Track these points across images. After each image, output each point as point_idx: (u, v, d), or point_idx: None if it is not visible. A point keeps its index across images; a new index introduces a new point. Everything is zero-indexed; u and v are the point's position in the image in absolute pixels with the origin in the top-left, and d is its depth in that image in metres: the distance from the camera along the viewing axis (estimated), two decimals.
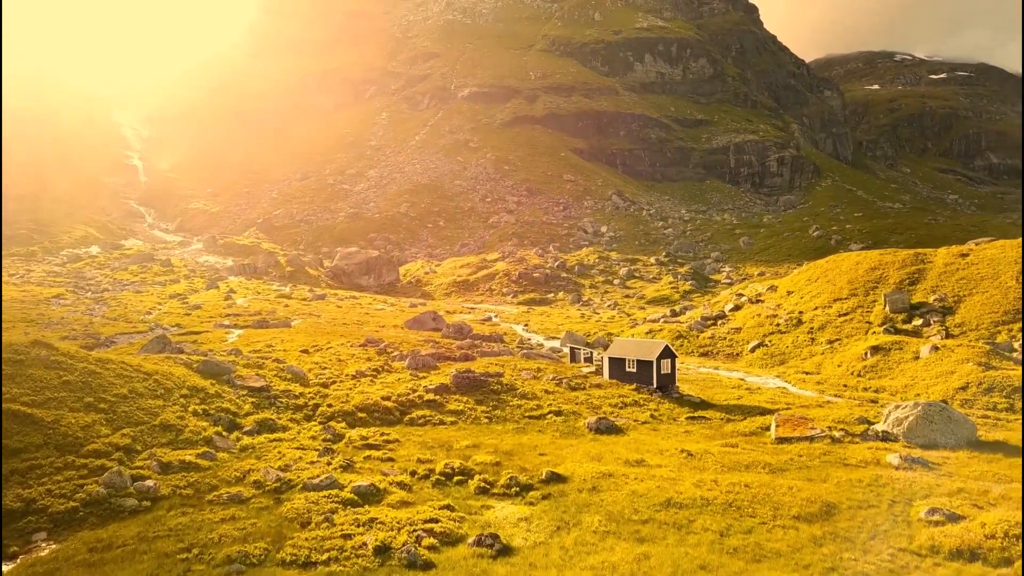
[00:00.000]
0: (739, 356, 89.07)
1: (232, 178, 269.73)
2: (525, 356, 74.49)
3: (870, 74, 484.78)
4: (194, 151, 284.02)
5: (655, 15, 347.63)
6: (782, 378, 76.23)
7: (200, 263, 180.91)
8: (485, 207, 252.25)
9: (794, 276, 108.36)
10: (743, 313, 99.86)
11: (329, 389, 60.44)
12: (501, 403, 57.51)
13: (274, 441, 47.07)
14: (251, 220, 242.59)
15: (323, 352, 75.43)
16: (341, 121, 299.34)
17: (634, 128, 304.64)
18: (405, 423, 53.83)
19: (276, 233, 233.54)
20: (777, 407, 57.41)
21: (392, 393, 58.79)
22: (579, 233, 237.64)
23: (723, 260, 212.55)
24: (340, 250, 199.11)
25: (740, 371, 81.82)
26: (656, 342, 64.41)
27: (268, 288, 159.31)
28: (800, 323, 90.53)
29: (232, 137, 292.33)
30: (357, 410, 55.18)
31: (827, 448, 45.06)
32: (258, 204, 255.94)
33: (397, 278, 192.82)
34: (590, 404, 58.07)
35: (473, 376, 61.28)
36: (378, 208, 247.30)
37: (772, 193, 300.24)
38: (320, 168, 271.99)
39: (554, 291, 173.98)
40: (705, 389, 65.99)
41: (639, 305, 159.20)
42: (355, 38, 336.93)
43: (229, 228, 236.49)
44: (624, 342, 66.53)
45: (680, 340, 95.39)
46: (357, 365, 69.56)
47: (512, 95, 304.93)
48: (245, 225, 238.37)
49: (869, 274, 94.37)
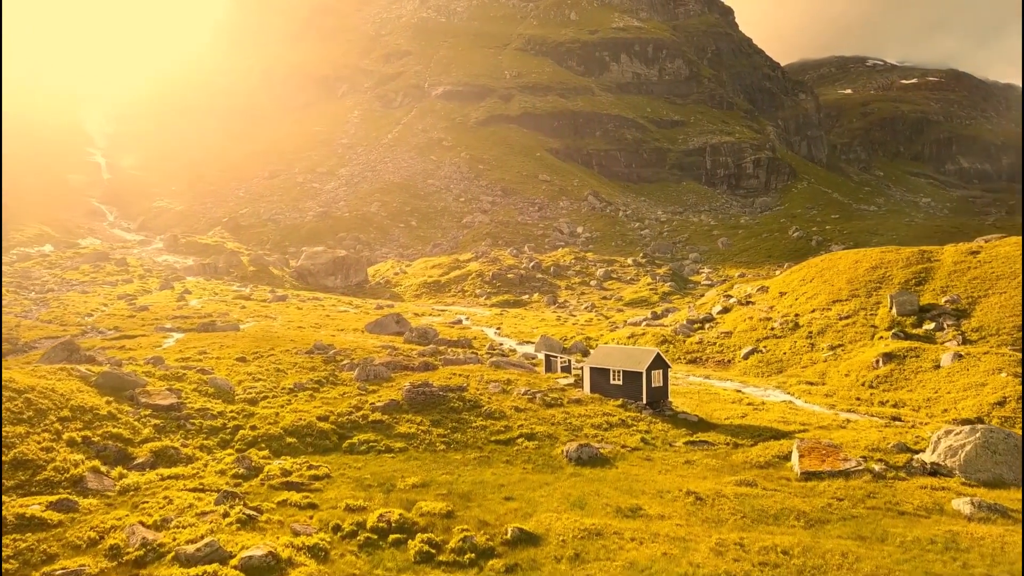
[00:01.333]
0: (731, 363, 79.06)
1: (198, 176, 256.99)
2: (494, 365, 63.90)
3: (843, 78, 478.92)
4: (159, 148, 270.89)
5: (631, 15, 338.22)
6: (783, 389, 66.31)
7: (158, 263, 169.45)
8: (459, 207, 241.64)
9: (786, 276, 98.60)
10: (733, 316, 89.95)
11: (258, 406, 49.51)
12: (462, 424, 46.92)
13: (168, 479, 36.15)
14: (217, 219, 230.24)
15: (262, 360, 64.45)
16: (312, 119, 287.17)
17: (610, 128, 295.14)
18: (343, 450, 43.10)
19: (242, 232, 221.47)
20: (791, 428, 47.26)
21: (332, 412, 47.99)
22: (555, 234, 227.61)
23: (701, 261, 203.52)
24: (306, 249, 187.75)
25: (735, 380, 71.84)
26: (645, 350, 54.01)
27: (227, 289, 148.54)
28: (797, 327, 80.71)
29: (199, 134, 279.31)
30: (286, 433, 44.37)
31: (869, 487, 34.87)
32: (224, 202, 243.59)
33: (365, 279, 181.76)
34: (569, 425, 47.60)
35: (430, 391, 50.62)
36: (348, 207, 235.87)
37: (748, 195, 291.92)
38: (290, 166, 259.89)
39: (529, 292, 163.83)
40: (701, 404, 55.75)
41: (617, 307, 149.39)
42: (326, 35, 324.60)
43: (194, 227, 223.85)
44: (608, 350, 56.05)
45: (665, 345, 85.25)
46: (298, 376, 58.70)
47: (487, 94, 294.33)
48: (211, 224, 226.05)
49: (870, 273, 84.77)
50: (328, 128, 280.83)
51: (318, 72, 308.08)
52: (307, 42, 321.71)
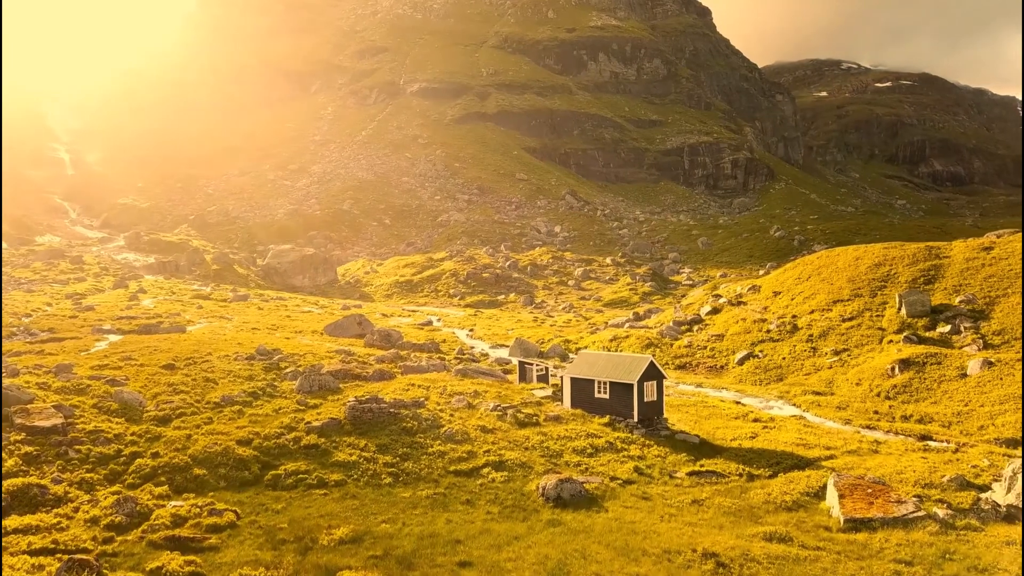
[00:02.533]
0: (724, 369, 70.47)
1: (165, 172, 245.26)
2: (460, 374, 54.73)
3: (818, 81, 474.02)
4: (126, 144, 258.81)
5: (609, 14, 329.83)
6: (788, 400, 57.77)
7: (117, 261, 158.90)
8: (434, 205, 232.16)
9: (779, 274, 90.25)
10: (724, 317, 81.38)
11: (168, 426, 40.06)
12: (416, 449, 37.79)
13: (15, 533, 26.77)
14: (183, 216, 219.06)
15: (193, 368, 54.93)
16: (284, 115, 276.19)
17: (588, 128, 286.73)
18: (264, 484, 33.83)
19: (209, 230, 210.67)
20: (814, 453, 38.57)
21: (258, 433, 38.68)
22: (532, 233, 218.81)
23: (681, 261, 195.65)
24: (273, 247, 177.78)
25: (730, 389, 63.25)
26: (636, 357, 45.12)
27: (186, 288, 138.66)
28: (796, 329, 72.28)
29: (167, 130, 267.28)
30: (195, 463, 35.02)
31: (940, 543, 26.24)
32: (192, 200, 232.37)
33: (335, 278, 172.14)
34: (546, 450, 38.62)
35: (379, 407, 41.40)
36: (320, 205, 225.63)
37: (726, 195, 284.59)
38: (260, 163, 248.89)
39: (505, 292, 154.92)
40: (700, 421, 46.97)
41: (596, 307, 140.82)
42: (299, 30, 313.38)
43: (159, 224, 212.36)
44: (591, 357, 47.07)
45: (651, 349, 76.51)
46: (229, 387, 49.30)
47: (463, 92, 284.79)
48: (177, 221, 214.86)
49: (873, 271, 76.54)
50: (301, 125, 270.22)
51: (291, 68, 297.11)
52: (280, 37, 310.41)
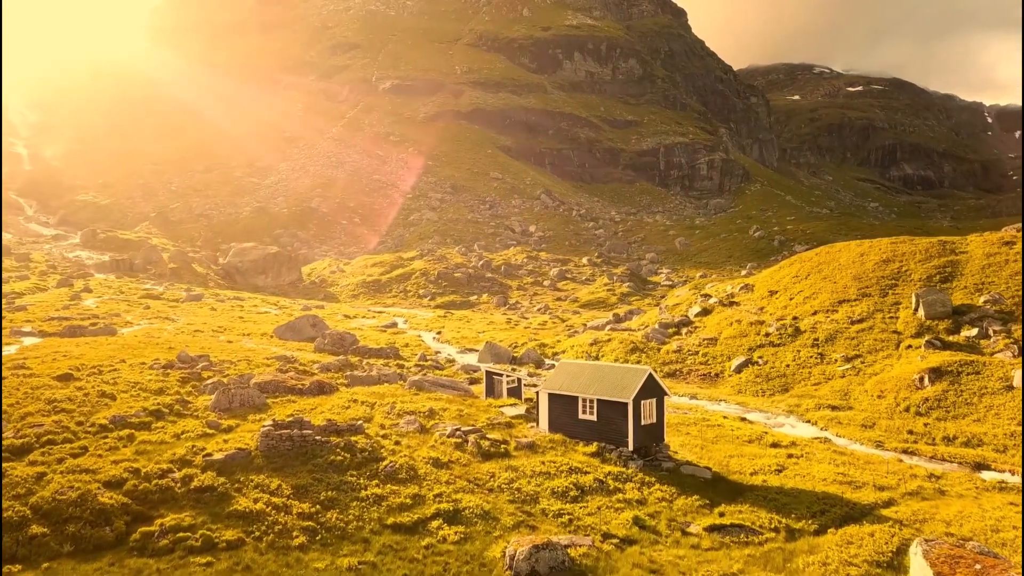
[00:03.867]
0: (720, 377, 61.36)
1: (129, 169, 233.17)
2: (415, 386, 44.97)
3: (791, 85, 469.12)
4: (88, 140, 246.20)
5: (584, 14, 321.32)
6: (798, 415, 48.75)
7: (68, 259, 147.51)
8: (406, 204, 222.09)
9: (773, 272, 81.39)
10: (715, 319, 72.34)
11: (21, 460, 30.01)
12: (345, 492, 28.12)
13: None
14: (144, 214, 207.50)
15: (96, 379, 44.82)
16: (252, 111, 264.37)
17: (563, 127, 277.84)
18: (128, 549, 24.05)
19: (171, 228, 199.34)
20: (865, 496, 29.37)
21: (137, 471, 28.77)
22: (506, 232, 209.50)
23: (659, 261, 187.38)
24: (235, 245, 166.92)
25: (730, 401, 54.09)
26: (631, 369, 35.68)
27: (137, 287, 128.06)
28: (798, 332, 63.38)
29: (132, 126, 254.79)
30: (36, 516, 25.12)
31: None
32: (155, 197, 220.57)
33: (299, 277, 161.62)
34: (516, 493, 29.10)
35: (303, 433, 31.62)
36: (288, 203, 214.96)
37: (702, 196, 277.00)
38: (227, 160, 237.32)
39: (477, 293, 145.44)
40: (706, 445, 37.64)
41: (573, 308, 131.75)
42: (269, 25, 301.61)
43: (119, 222, 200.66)
44: (573, 368, 37.51)
45: (637, 354, 67.28)
46: (129, 403, 39.27)
47: (436, 89, 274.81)
48: (138, 219, 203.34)
49: (882, 268, 67.89)
50: (269, 121, 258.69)
51: (261, 63, 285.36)
52: (250, 33, 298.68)
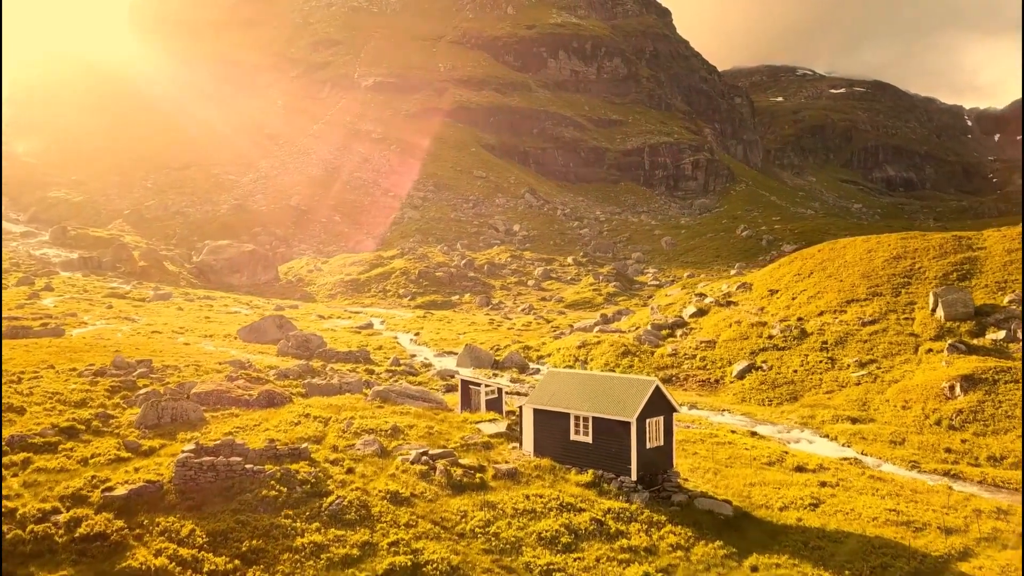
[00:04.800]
0: (720, 384, 55.74)
1: (104, 166, 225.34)
2: (380, 397, 38.89)
3: (774, 86, 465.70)
4: (62, 136, 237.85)
5: (569, 12, 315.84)
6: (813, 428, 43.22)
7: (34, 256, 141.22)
8: (387, 202, 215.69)
9: (772, 270, 75.92)
10: (712, 320, 66.73)
11: None
12: (275, 540, 22.17)
13: None
14: (119, 211, 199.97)
15: (12, 388, 38.54)
16: (233, 108, 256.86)
17: (547, 126, 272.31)
18: None
19: (146, 225, 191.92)
20: (931, 543, 23.84)
21: (11, 514, 22.65)
22: (490, 231, 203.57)
23: (645, 261, 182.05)
24: (209, 243, 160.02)
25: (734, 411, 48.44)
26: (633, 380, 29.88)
27: (103, 286, 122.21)
28: (805, 335, 57.88)
29: (109, 122, 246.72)
30: None
31: None
32: (130, 194, 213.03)
33: (276, 276, 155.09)
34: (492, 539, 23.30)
35: (230, 462, 25.54)
36: (267, 200, 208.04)
37: (687, 197, 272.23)
38: (206, 157, 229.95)
39: (459, 293, 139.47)
40: (720, 469, 31.95)
41: (558, 309, 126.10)
42: (250, 21, 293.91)
43: (93, 219, 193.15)
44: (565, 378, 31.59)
45: (629, 358, 61.56)
46: (37, 419, 33.14)
47: (420, 87, 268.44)
48: (112, 216, 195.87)
49: (892, 266, 62.56)
50: (249, 117, 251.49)
51: (242, 59, 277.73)
52: (231, 28, 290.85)
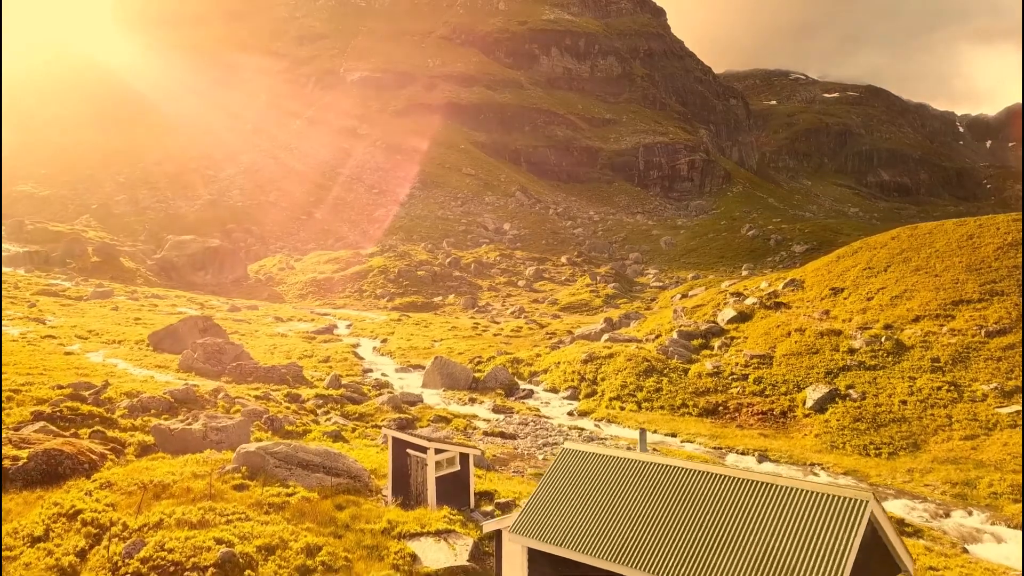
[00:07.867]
0: (790, 417, 38.36)
1: (75, 160, 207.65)
2: (246, 464, 21.06)
3: (768, 90, 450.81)
4: (30, 129, 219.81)
5: (562, 9, 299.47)
6: (979, 502, 27.18)
7: None
8: (371, 199, 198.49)
9: (829, 264, 58.75)
10: (760, 327, 49.40)
11: None
12: None
13: None
14: (87, 206, 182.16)
15: None
16: (214, 101, 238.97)
17: (539, 124, 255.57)
18: None
19: (114, 221, 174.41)
20: None
21: None
22: (479, 230, 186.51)
23: (644, 262, 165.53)
24: (172, 238, 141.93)
25: (827, 465, 31.45)
26: (800, 491, 10.64)
27: (38, 282, 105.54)
28: (902, 348, 40.87)
29: (83, 116, 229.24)
30: None
31: None
32: (100, 189, 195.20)
33: (245, 275, 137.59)
34: None
35: None
36: (244, 196, 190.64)
37: (682, 197, 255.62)
38: (182, 152, 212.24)
39: (443, 293, 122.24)
40: None
41: (552, 312, 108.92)
42: (234, 14, 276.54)
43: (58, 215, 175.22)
44: (605, 476, 14.01)
45: (654, 378, 44.25)
46: None
47: (408, 82, 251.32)
48: (79, 212, 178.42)
49: (1011, 255, 45.27)
50: (230, 111, 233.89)
51: (224, 53, 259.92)
52: (213, 21, 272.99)
